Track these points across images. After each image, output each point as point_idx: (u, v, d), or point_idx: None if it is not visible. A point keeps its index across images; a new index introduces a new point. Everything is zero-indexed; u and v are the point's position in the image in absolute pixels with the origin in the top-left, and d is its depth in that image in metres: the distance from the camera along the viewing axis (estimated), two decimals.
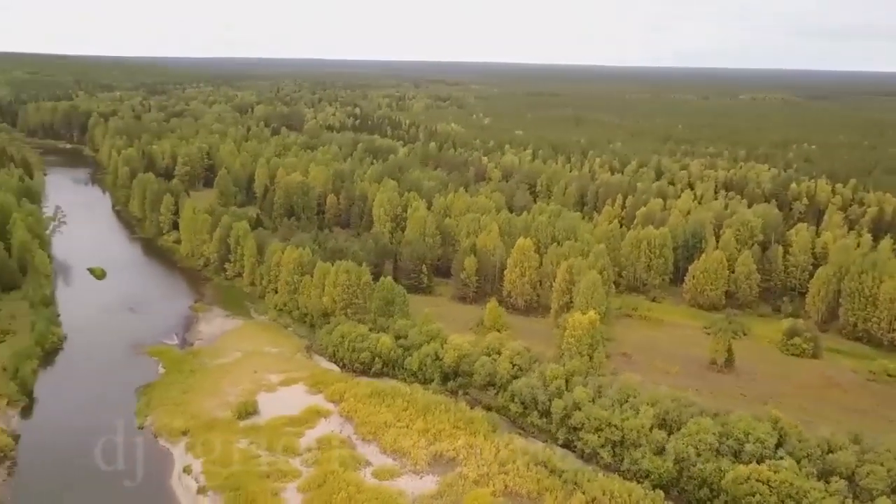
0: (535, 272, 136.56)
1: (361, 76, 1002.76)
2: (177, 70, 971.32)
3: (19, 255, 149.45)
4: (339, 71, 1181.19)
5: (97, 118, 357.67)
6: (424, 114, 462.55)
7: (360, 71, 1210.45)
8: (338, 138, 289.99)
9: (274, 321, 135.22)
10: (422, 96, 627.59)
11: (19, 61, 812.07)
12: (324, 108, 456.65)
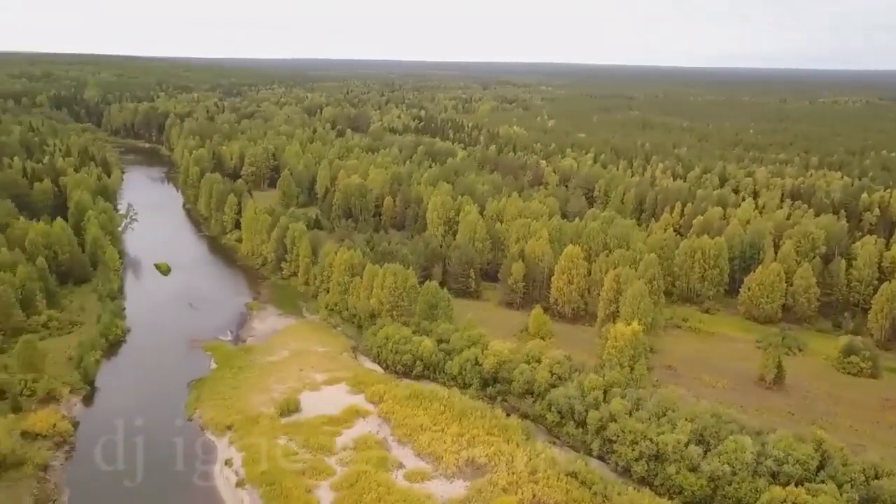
0: (583, 280, 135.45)
1: (431, 77, 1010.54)
2: (253, 71, 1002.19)
3: (91, 250, 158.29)
4: (411, 72, 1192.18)
5: (174, 119, 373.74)
6: (489, 116, 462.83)
7: (430, 72, 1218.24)
8: (399, 141, 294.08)
9: (324, 321, 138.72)
10: (488, 98, 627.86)
11: (108, 63, 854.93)
12: (390, 111, 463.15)
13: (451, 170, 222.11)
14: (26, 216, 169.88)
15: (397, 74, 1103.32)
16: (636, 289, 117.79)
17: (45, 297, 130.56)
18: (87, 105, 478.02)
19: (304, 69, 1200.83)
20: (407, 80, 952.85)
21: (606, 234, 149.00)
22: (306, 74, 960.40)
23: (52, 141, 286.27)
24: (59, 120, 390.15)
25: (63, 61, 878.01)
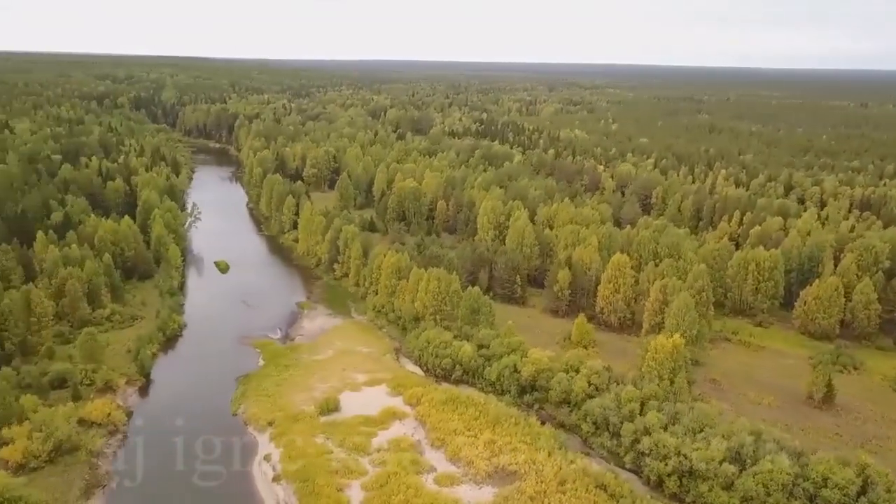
0: (630, 289, 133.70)
1: (498, 79, 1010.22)
2: (324, 73, 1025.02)
3: (156, 247, 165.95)
4: (479, 74, 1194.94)
5: (243, 120, 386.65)
6: (551, 119, 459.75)
7: (498, 74, 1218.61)
8: (457, 144, 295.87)
9: (371, 322, 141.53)
10: (553, 100, 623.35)
11: (186, 66, 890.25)
12: (452, 114, 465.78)
13: (505, 174, 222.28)
14: (99, 214, 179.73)
15: (465, 76, 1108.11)
16: (681, 300, 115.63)
17: (109, 291, 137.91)
18: (164, 106, 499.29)
19: (375, 71, 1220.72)
20: (473, 81, 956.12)
21: (657, 243, 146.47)
22: (375, 76, 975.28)
23: (128, 141, 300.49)
24: (137, 121, 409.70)
25: (145, 63, 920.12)
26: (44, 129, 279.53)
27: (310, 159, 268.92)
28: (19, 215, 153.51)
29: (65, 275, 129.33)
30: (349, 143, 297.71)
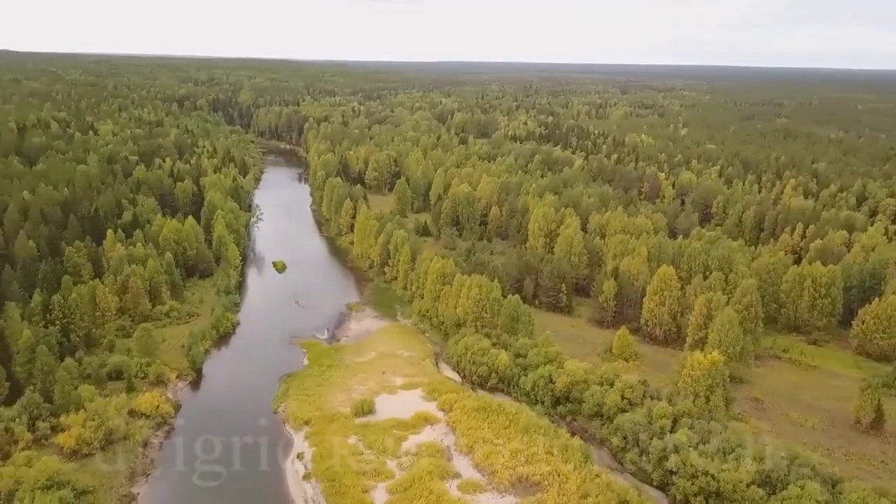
0: (675, 302, 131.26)
1: (571, 81, 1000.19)
2: (397, 74, 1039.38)
3: (217, 247, 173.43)
4: (553, 75, 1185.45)
5: (312, 123, 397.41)
6: (620, 123, 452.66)
7: (572, 75, 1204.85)
8: (517, 149, 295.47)
9: (415, 326, 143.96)
10: (624, 104, 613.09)
11: (263, 68, 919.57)
12: (517, 117, 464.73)
13: (562, 180, 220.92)
14: (168, 213, 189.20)
15: (537, 78, 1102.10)
16: (725, 316, 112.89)
17: (169, 288, 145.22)
18: (240, 108, 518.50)
19: (447, 72, 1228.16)
20: (545, 83, 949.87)
21: (708, 255, 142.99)
22: (446, 78, 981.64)
23: (202, 143, 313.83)
24: (213, 122, 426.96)
25: (226, 66, 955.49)
26: (125, 130, 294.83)
27: (372, 163, 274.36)
28: (93, 214, 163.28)
29: (129, 272, 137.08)
30: (412, 146, 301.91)
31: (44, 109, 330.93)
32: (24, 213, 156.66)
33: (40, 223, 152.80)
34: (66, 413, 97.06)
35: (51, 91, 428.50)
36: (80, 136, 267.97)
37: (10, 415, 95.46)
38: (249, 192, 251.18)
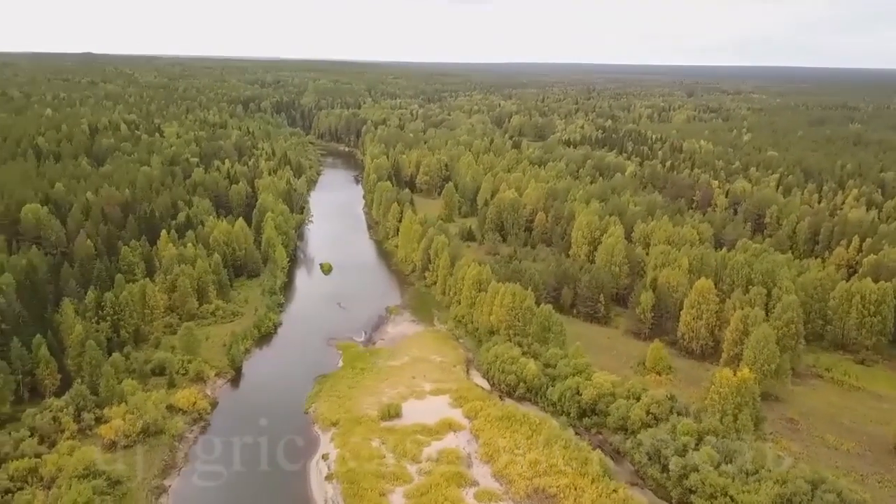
0: (713, 316, 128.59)
1: (638, 83, 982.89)
2: (460, 76, 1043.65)
3: (265, 248, 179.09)
4: (619, 77, 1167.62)
5: (369, 126, 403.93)
6: (681, 127, 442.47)
7: (639, 77, 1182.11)
8: (569, 154, 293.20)
9: (450, 331, 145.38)
10: (688, 107, 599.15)
11: (327, 70, 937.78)
12: (575, 120, 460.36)
13: (609, 187, 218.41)
14: (222, 215, 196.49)
15: (602, 80, 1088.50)
16: (760, 332, 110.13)
17: (216, 288, 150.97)
18: (302, 110, 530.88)
19: (511, 74, 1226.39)
20: (610, 85, 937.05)
21: (751, 269, 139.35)
22: (509, 80, 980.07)
23: (261, 145, 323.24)
24: (274, 125, 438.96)
25: (292, 68, 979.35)
26: (189, 132, 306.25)
27: (423, 167, 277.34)
28: (149, 215, 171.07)
29: (178, 272, 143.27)
30: (464, 150, 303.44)
31: (116, 112, 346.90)
32: (86, 212, 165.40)
33: (100, 222, 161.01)
34: (110, 406, 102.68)
35: (124, 94, 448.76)
36: (147, 137, 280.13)
37: (58, 405, 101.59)
38: (303, 195, 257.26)
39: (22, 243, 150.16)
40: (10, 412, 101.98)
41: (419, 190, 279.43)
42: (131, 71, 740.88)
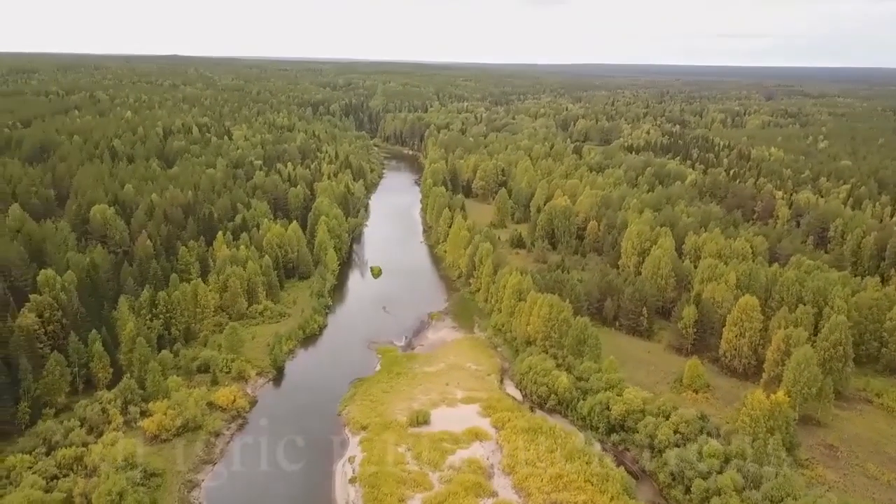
0: (757, 334, 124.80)
1: (715, 85, 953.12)
2: (531, 78, 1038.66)
3: (318, 251, 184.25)
4: (698, 80, 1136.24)
5: (432, 130, 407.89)
6: (754, 133, 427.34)
7: (718, 80, 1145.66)
8: (629, 160, 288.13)
9: (489, 339, 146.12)
10: (764, 111, 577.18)
11: (398, 72, 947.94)
12: (642, 125, 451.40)
13: (664, 196, 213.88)
14: (279, 218, 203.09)
15: (678, 82, 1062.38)
16: (801, 354, 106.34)
17: (266, 289, 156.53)
18: (370, 113, 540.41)
19: (584, 75, 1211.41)
20: (687, 88, 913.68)
21: (802, 286, 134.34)
22: (581, 82, 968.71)
23: (325, 148, 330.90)
24: (341, 128, 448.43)
25: (363, 70, 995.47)
26: (256, 135, 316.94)
27: (479, 171, 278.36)
28: (208, 216, 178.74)
29: (229, 272, 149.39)
30: (524, 155, 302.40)
31: (190, 114, 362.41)
32: (149, 213, 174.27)
33: (162, 223, 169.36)
34: (155, 400, 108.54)
35: (201, 96, 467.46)
36: (216, 140, 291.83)
37: (108, 398, 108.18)
38: (360, 198, 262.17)
39: (90, 242, 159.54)
40: (65, 402, 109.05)
41: (475, 195, 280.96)
42: (211, 73, 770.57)
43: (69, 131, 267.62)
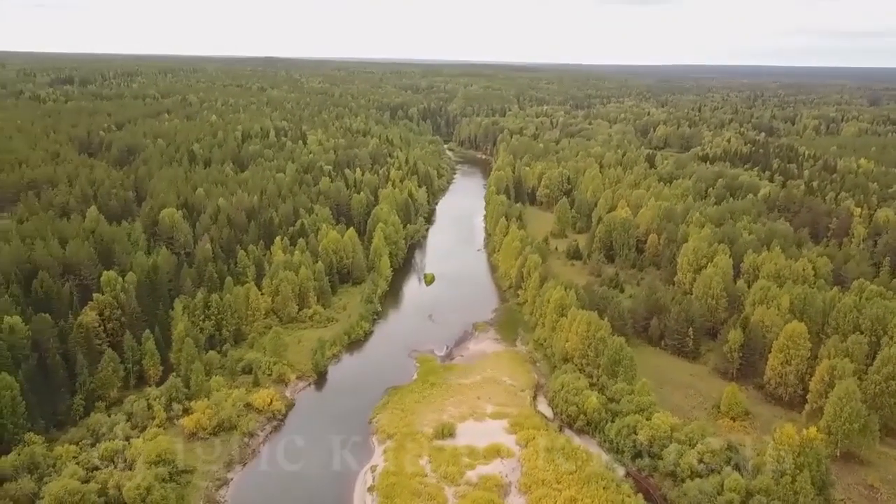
0: (804, 362, 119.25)
1: (813, 88, 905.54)
2: (617, 79, 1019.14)
3: (372, 258, 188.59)
4: (796, 82, 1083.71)
5: (505, 135, 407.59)
6: (847, 142, 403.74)
7: (822, 82, 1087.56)
8: (701, 171, 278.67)
9: (529, 354, 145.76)
10: (865, 118, 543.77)
11: (479, 74, 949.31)
12: (725, 132, 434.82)
13: (728, 211, 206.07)
14: (342, 223, 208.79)
15: (775, 85, 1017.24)
16: (843, 388, 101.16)
17: (317, 294, 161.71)
18: (447, 117, 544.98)
19: (678, 76, 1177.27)
20: (783, 91, 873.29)
21: (860, 313, 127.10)
22: (671, 85, 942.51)
23: (396, 153, 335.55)
24: (417, 132, 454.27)
25: (448, 72, 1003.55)
26: (331, 140, 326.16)
27: (544, 180, 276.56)
28: (268, 221, 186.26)
29: (281, 277, 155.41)
30: (594, 163, 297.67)
31: (271, 118, 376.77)
32: (214, 216, 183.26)
33: (225, 227, 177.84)
34: (197, 399, 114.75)
35: (285, 100, 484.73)
36: (291, 144, 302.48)
37: (154, 394, 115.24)
38: (423, 205, 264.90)
39: (157, 243, 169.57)
40: (117, 396, 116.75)
41: (539, 203, 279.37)
42: (299, 76, 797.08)
43: (155, 134, 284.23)
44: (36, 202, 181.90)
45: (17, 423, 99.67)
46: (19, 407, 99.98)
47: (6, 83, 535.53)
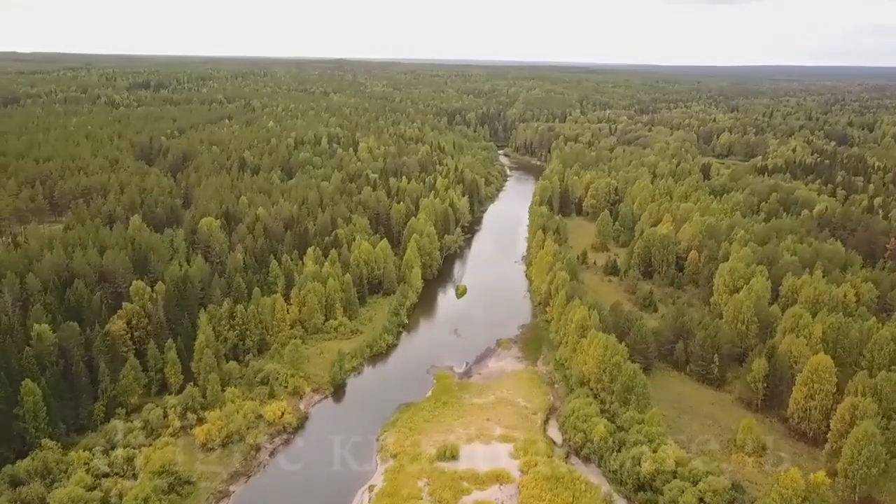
0: (828, 398, 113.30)
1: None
2: (689, 82, 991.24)
3: (403, 269, 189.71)
4: (889, 83, 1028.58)
5: (559, 142, 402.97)
6: None
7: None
8: (755, 183, 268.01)
9: (549, 375, 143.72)
10: None
11: (544, 77, 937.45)
12: (790, 141, 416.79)
13: (774, 229, 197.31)
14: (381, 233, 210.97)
15: (858, 87, 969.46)
16: (862, 430, 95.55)
17: (343, 305, 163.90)
18: (505, 122, 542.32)
19: (752, 78, 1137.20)
20: (866, 94, 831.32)
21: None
22: (746, 87, 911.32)
23: (447, 161, 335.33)
24: (472, 138, 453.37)
25: (513, 74, 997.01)
26: (381, 147, 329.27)
27: (591, 189, 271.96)
28: (303, 231, 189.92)
29: (308, 288, 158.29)
30: (646, 172, 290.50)
31: (328, 124, 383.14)
32: (251, 226, 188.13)
33: (261, 237, 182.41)
34: (212, 409, 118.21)
35: (344, 105, 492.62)
36: (342, 151, 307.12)
37: (171, 402, 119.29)
38: (465, 214, 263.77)
39: (195, 251, 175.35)
40: (139, 403, 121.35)
41: (586, 213, 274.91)
42: (364, 80, 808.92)
43: (211, 141, 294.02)
44: (84, 210, 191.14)
45: (38, 428, 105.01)
46: (41, 412, 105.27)
47: (87, 87, 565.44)
